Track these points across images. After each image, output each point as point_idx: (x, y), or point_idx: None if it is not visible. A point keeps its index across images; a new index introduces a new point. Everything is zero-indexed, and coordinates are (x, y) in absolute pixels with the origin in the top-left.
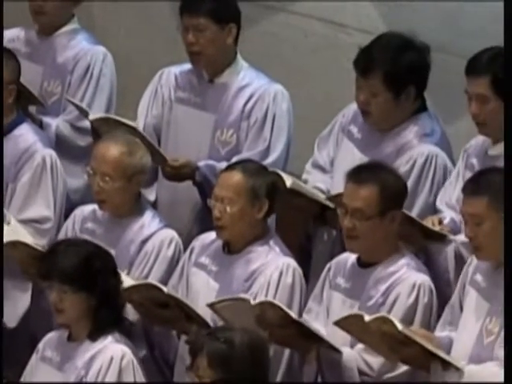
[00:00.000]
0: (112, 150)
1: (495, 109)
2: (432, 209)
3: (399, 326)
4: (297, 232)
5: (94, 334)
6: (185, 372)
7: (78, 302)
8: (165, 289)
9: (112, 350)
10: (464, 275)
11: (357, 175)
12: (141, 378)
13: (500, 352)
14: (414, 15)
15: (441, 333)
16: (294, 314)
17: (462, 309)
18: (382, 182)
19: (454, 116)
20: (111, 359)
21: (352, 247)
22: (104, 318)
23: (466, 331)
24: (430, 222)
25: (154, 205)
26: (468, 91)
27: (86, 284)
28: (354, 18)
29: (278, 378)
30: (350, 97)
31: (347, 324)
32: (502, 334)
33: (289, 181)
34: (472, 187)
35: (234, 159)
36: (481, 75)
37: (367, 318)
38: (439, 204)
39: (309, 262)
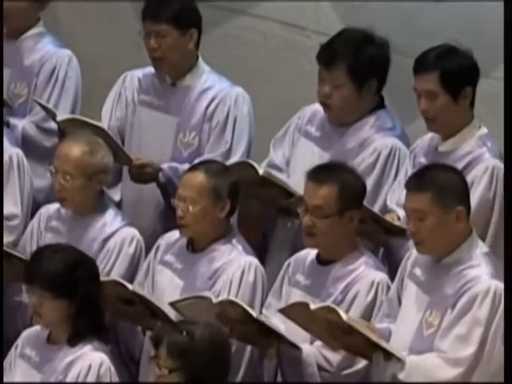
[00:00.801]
0: (74, 149)
1: (444, 104)
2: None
3: (344, 317)
4: (258, 227)
5: (73, 340)
6: (149, 367)
7: (58, 308)
8: (129, 286)
9: (91, 358)
10: (403, 269)
11: (317, 174)
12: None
13: (440, 344)
14: (371, 16)
15: (380, 324)
16: (254, 313)
17: (400, 302)
18: (341, 182)
19: (410, 116)
20: (89, 367)
21: (310, 244)
22: (83, 325)
23: (405, 323)
24: (389, 218)
25: (119, 205)
26: (417, 88)
27: (67, 291)
28: (312, 20)
29: (240, 373)
30: (310, 98)
31: (293, 312)
32: (443, 326)
33: (261, 170)
34: (415, 183)
35: (197, 161)
36: (429, 72)
37: (313, 306)
38: (390, 203)
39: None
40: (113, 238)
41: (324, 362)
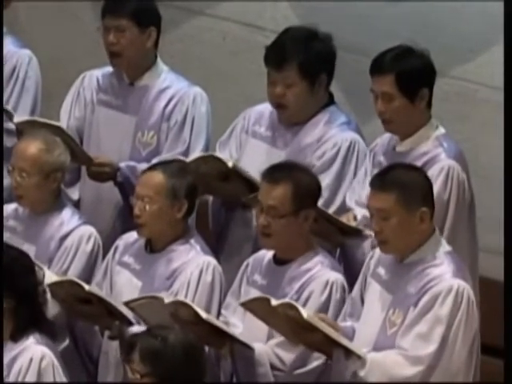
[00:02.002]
0: (30, 146)
1: (400, 106)
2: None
3: (304, 314)
4: (208, 226)
5: (16, 335)
6: (107, 367)
7: None
8: (86, 286)
9: (32, 352)
10: (366, 268)
11: (271, 174)
12: (61, 378)
13: (401, 342)
14: (329, 17)
15: (344, 323)
16: (204, 314)
17: (363, 301)
18: (296, 181)
19: (367, 116)
20: (30, 360)
21: (265, 244)
22: (24, 318)
23: (369, 322)
24: (345, 219)
25: (78, 203)
26: (373, 90)
27: (5, 287)
28: (271, 20)
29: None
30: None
31: (254, 306)
32: (405, 323)
33: (230, 162)
34: (380, 182)
35: (155, 160)
36: (385, 74)
37: (274, 302)
38: (349, 202)
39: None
40: (70, 237)
41: (277, 362)
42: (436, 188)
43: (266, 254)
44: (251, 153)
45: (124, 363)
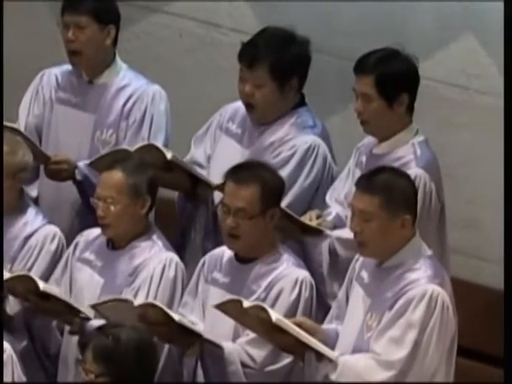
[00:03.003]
0: None
1: (378, 108)
2: (307, 194)
3: (273, 318)
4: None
5: None
6: (67, 368)
7: None
8: (41, 284)
9: None
10: (351, 271)
11: (237, 175)
12: (19, 373)
13: (375, 345)
14: (288, 15)
15: (328, 325)
16: (176, 316)
17: (348, 304)
18: (262, 181)
19: (326, 114)
20: None
21: (234, 246)
22: None
23: (350, 326)
24: (308, 217)
25: (36, 201)
26: (355, 89)
27: None
28: (228, 17)
29: (157, 371)
30: (226, 95)
31: (227, 308)
32: (379, 328)
33: (169, 154)
34: (367, 184)
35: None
36: (367, 74)
37: (245, 304)
38: (328, 200)
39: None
40: (34, 236)
41: (247, 359)
42: None
43: (225, 252)
44: (222, 150)
45: (77, 364)
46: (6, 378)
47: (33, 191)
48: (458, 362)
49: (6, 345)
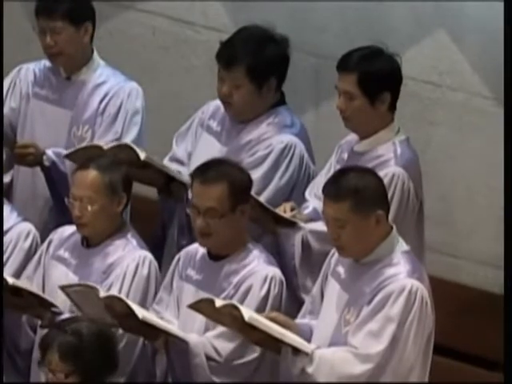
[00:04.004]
0: None
1: (360, 106)
2: (282, 193)
3: (246, 317)
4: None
5: None
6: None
7: None
8: (10, 280)
9: None
10: (327, 266)
11: (203, 175)
12: None
13: (352, 339)
14: (262, 12)
15: (301, 320)
16: (140, 313)
17: (323, 298)
18: (229, 179)
19: (297, 111)
20: None
21: (206, 244)
22: None
23: (326, 320)
24: (282, 208)
25: (10, 187)
26: (337, 87)
27: None
28: (201, 15)
29: (130, 367)
30: (199, 93)
31: (200, 307)
32: (356, 322)
33: (142, 154)
34: (333, 191)
35: None
36: (349, 73)
37: (218, 303)
38: (307, 195)
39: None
40: (9, 233)
41: (213, 353)
42: None
43: (199, 249)
44: (202, 147)
45: (40, 367)
46: None
47: (6, 177)
48: (433, 360)
49: None
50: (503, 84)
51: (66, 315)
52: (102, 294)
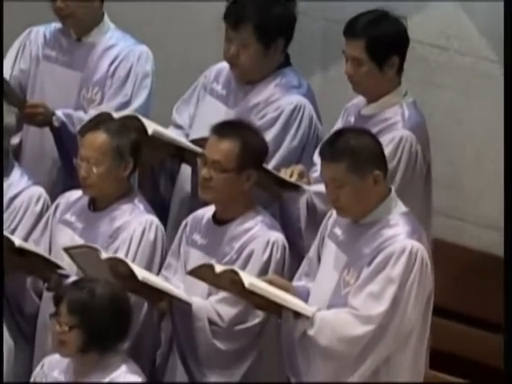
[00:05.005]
0: None
1: (369, 71)
2: (293, 155)
3: (246, 283)
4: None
5: None
6: (45, 328)
7: None
8: (16, 241)
9: None
10: (323, 228)
11: (220, 129)
12: (7, 339)
13: (353, 301)
14: None
15: (298, 282)
16: (140, 275)
17: (319, 261)
18: (243, 139)
19: (305, 74)
20: None
21: (205, 196)
22: None
23: (324, 282)
24: (289, 171)
25: (18, 148)
26: (345, 52)
27: None
28: None
29: (135, 331)
30: (206, 55)
31: (200, 273)
32: (357, 283)
33: (150, 128)
34: (329, 152)
35: (92, 111)
36: (357, 39)
37: (218, 269)
38: (315, 158)
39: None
40: (19, 197)
41: (216, 317)
42: None
43: (206, 214)
44: (205, 110)
45: (51, 318)
46: None
47: (15, 139)
48: (436, 322)
49: None
50: (504, 81)
51: (73, 277)
52: (104, 255)
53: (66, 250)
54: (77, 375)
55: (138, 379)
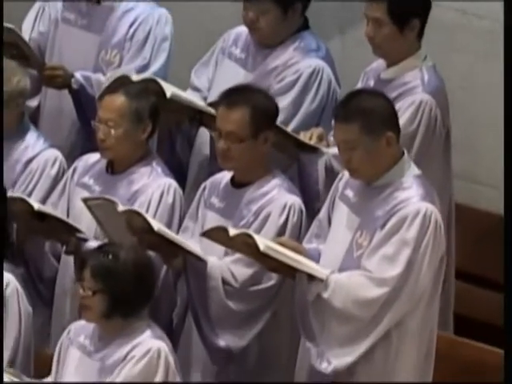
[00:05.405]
0: None
1: (390, 33)
2: (312, 117)
3: (261, 247)
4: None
5: None
6: (64, 290)
7: None
8: (35, 205)
9: None
10: (334, 190)
11: (227, 98)
12: (26, 305)
13: (367, 263)
14: None
15: (309, 245)
16: (155, 226)
17: (330, 223)
18: (252, 104)
19: (323, 37)
20: None
21: (226, 166)
22: None
23: (336, 244)
24: (308, 134)
25: (37, 111)
26: (366, 14)
27: None
28: None
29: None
30: (223, 21)
31: (214, 235)
32: (371, 246)
33: (169, 91)
34: (342, 113)
35: (109, 73)
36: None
37: (232, 232)
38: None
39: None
40: (35, 160)
41: (230, 277)
42: (402, 120)
43: (224, 177)
44: (224, 73)
45: (76, 282)
46: (12, 309)
47: (33, 102)
48: (455, 286)
49: (11, 277)
50: (504, 80)
51: (91, 241)
52: (121, 207)
53: (85, 200)
54: (101, 340)
55: (162, 344)
